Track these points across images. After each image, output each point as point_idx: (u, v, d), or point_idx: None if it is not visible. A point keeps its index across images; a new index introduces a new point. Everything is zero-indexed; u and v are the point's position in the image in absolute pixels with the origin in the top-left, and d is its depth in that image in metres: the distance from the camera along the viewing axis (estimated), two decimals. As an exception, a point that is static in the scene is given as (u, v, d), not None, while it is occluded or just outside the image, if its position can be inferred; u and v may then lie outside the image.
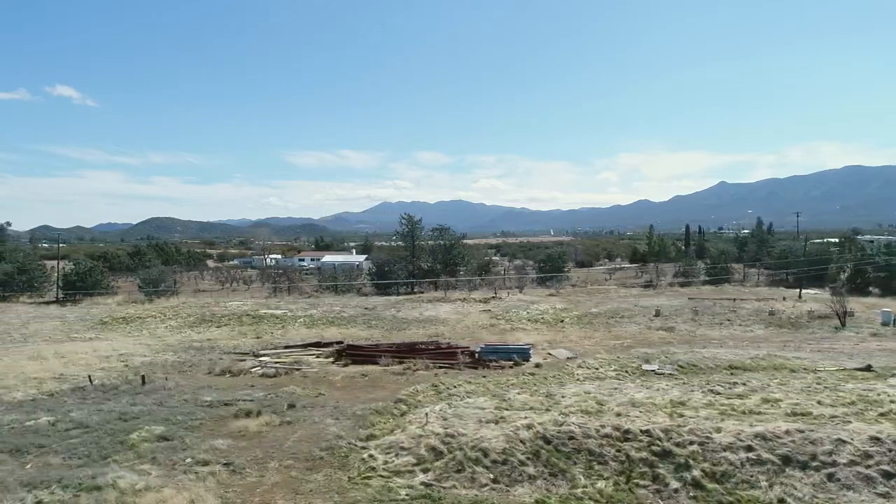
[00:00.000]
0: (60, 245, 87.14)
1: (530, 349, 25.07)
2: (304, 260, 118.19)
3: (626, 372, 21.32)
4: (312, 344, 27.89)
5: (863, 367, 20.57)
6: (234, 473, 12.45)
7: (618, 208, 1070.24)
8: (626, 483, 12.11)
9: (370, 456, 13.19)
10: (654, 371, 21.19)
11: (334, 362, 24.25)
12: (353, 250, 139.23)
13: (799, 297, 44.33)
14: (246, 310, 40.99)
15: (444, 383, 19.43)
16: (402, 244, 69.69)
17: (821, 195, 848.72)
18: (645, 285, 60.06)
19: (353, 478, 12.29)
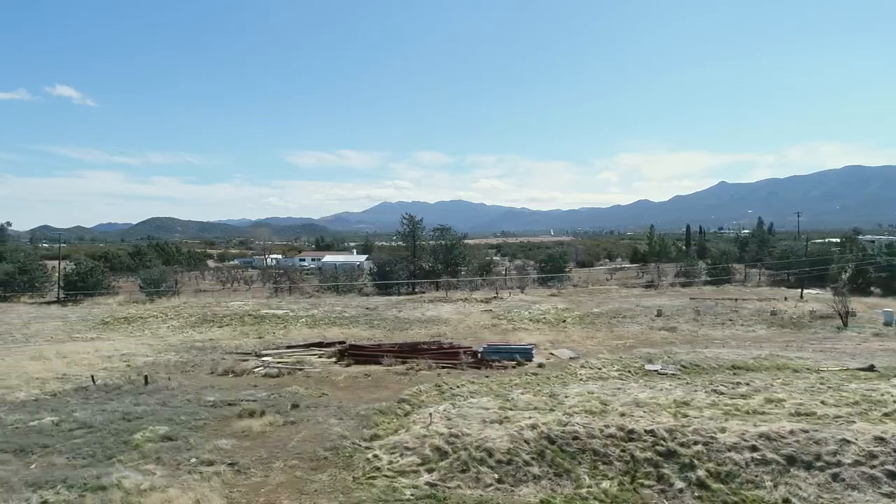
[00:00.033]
0: (61, 245, 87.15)
1: (533, 349, 25.05)
2: (305, 260, 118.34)
3: (629, 372, 21.31)
4: (315, 344, 27.88)
5: (866, 368, 20.56)
6: (238, 473, 12.44)
7: (618, 208, 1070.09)
8: (631, 483, 12.10)
9: (375, 456, 13.18)
10: (657, 371, 21.18)
11: (337, 362, 24.24)
12: (353, 250, 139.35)
13: (801, 298, 44.32)
14: (247, 310, 41.00)
15: (448, 383, 19.41)
16: (403, 244, 69.74)
17: (821, 195, 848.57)
18: (646, 285, 60.05)
19: (357, 478, 12.28)
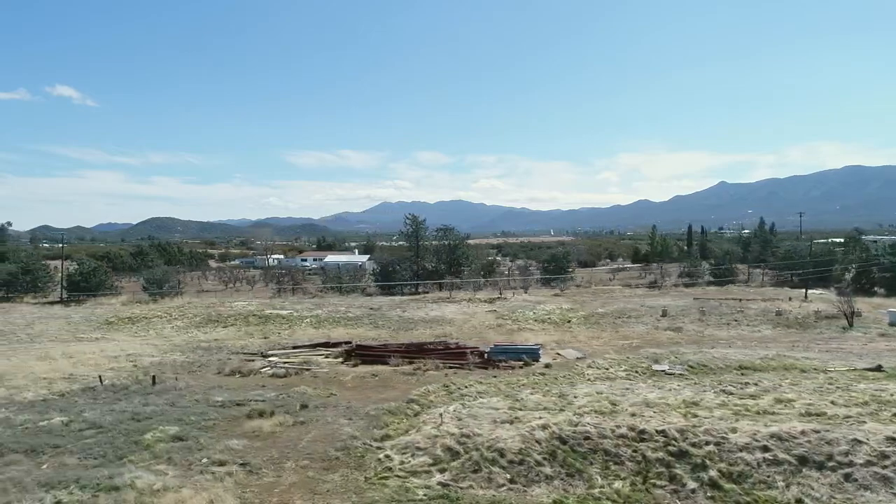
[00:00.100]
0: (63, 245, 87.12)
1: (540, 349, 25.04)
2: (307, 260, 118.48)
3: (637, 372, 21.30)
4: (321, 344, 27.85)
5: (873, 368, 20.55)
6: (250, 474, 12.44)
7: (618, 208, 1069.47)
8: (644, 483, 12.11)
9: (386, 456, 13.18)
10: (665, 371, 21.17)
11: (344, 362, 24.23)
12: (355, 251, 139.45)
13: (805, 298, 44.29)
14: (252, 310, 40.97)
15: (455, 383, 19.41)
16: (406, 244, 69.75)
17: (821, 195, 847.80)
18: (650, 285, 60.00)
19: (369, 478, 12.28)
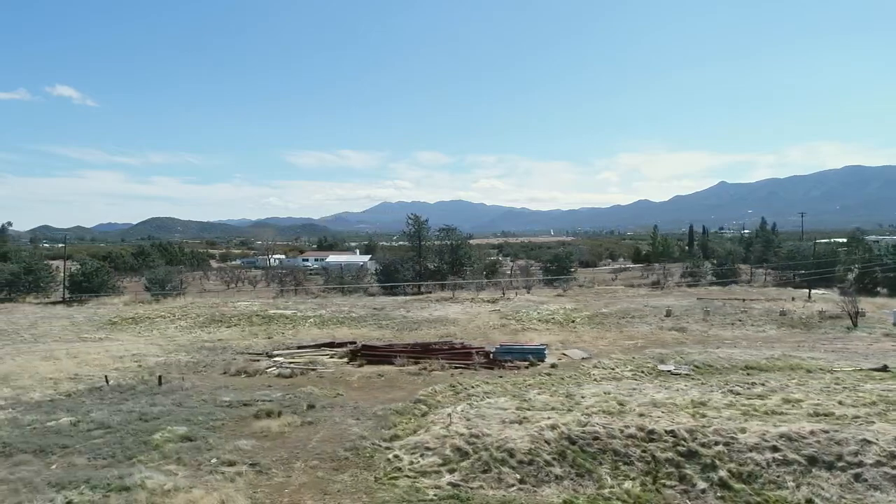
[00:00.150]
0: (65, 245, 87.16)
1: (545, 349, 25.04)
2: (308, 260, 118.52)
3: (643, 372, 21.31)
4: (326, 344, 27.85)
5: (879, 368, 20.54)
6: (260, 474, 12.45)
7: (618, 208, 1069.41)
8: (653, 483, 12.12)
9: (395, 456, 13.20)
10: (671, 371, 21.18)
11: (349, 362, 24.23)
12: (356, 250, 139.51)
13: (808, 298, 44.29)
14: (255, 310, 40.97)
15: (462, 383, 19.41)
16: (407, 244, 69.78)
17: (821, 195, 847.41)
18: (652, 285, 60.01)
19: (379, 478, 12.30)
